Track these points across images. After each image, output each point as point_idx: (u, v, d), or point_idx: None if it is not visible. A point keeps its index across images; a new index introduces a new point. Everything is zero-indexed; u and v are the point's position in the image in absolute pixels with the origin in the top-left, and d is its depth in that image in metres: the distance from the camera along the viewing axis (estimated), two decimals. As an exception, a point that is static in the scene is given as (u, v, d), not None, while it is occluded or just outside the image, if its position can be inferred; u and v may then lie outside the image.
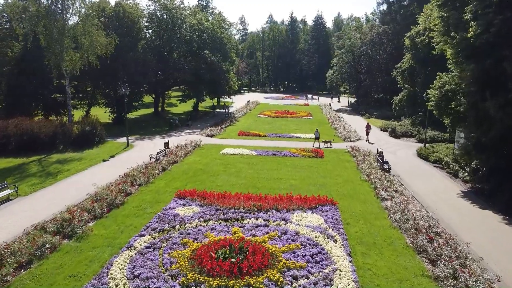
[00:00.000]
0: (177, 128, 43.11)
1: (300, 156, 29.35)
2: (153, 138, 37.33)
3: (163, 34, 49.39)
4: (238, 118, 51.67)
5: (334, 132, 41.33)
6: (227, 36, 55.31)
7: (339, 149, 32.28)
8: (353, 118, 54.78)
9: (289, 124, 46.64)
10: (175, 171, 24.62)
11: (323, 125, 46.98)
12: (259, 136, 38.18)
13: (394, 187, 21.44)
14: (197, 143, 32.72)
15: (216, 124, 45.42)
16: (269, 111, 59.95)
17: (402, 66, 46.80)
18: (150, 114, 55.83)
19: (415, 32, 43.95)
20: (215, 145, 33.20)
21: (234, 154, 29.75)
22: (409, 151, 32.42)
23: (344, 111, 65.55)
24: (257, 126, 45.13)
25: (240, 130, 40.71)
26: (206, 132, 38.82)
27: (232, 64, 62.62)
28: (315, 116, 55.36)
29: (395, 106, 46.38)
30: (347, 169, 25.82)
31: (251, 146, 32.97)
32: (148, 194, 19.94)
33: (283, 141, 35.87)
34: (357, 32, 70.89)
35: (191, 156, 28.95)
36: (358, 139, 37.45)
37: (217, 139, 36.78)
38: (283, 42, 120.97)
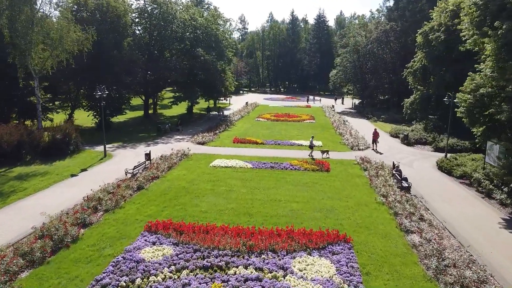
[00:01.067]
0: (166, 134, 39.06)
1: (303, 169, 25.28)
2: (137, 146, 33.26)
3: (153, 30, 45.36)
4: (235, 122, 47.62)
5: (340, 139, 37.21)
6: (223, 33, 51.25)
7: (346, 160, 28.21)
8: (359, 122, 50.68)
9: (289, 129, 42.57)
10: (153, 191, 20.56)
11: (326, 130, 42.91)
12: (256, 143, 34.11)
13: (419, 214, 17.37)
14: (184, 152, 28.67)
15: (210, 129, 41.37)
16: (269, 113, 55.88)
17: (413, 65, 42.69)
18: (139, 118, 51.81)
19: (428, 28, 39.88)
20: (206, 155, 29.15)
21: (226, 166, 25.70)
22: (427, 163, 28.32)
23: (348, 114, 61.44)
24: (254, 131, 41.08)
25: (236, 136, 36.63)
26: (197, 139, 34.75)
27: (229, 64, 58.55)
28: (317, 120, 51.27)
29: (406, 110, 42.27)
30: (358, 187, 21.75)
31: (247, 156, 28.94)
32: (112, 226, 15.87)
33: (283, 150, 31.81)
34: (362, 30, 66.78)
35: (176, 170, 24.89)
36: (367, 147, 33.36)
37: (208, 147, 32.73)
38: (283, 41, 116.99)
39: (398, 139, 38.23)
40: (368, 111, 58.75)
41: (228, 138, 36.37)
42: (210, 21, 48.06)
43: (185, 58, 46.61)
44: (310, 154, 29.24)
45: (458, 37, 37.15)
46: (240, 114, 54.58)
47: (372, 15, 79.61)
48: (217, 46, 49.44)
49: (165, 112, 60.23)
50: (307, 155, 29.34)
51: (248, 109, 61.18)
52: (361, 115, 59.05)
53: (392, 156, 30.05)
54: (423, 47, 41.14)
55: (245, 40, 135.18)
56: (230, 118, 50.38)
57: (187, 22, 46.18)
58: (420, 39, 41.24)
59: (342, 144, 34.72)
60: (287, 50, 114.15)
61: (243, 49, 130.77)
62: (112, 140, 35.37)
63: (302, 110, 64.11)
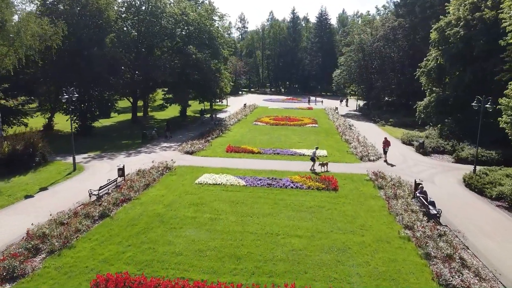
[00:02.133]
0: (153, 141, 35.00)
1: (305, 187, 21.20)
2: (116, 156, 29.19)
3: (141, 26, 41.28)
4: (230, 127, 43.54)
5: (347, 147, 33.10)
6: (217, 30, 47.11)
7: (357, 175, 24.11)
8: (366, 127, 46.57)
9: (290, 135, 38.47)
10: (119, 220, 16.50)
11: (331, 136, 38.82)
12: (252, 153, 30.02)
13: (460, 257, 13.27)
14: (167, 165, 24.61)
15: (202, 135, 37.31)
16: (268, 117, 51.82)
17: (427, 64, 38.58)
18: (127, 122, 47.79)
19: (445, 23, 35.82)
20: (192, 168, 25.10)
21: (214, 184, 21.65)
22: (451, 177, 24.20)
23: (353, 117, 57.34)
24: (251, 137, 37.01)
25: (229, 144, 32.54)
26: (185, 148, 30.68)
27: (225, 63, 54.49)
28: (321, 124, 47.18)
29: (419, 114, 38.14)
30: (374, 213, 17.67)
31: (240, 169, 24.88)
32: (50, 280, 11.75)
33: (283, 161, 27.73)
34: (368, 27, 62.65)
35: (154, 189, 20.84)
36: (378, 157, 29.24)
37: (197, 157, 28.65)
38: (284, 40, 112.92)
39: (411, 147, 34.14)
40: (375, 114, 54.63)
41: (221, 146, 32.31)
42: (203, 17, 43.97)
43: (176, 56, 42.56)
44: (312, 168, 25.13)
45: (480, 32, 33.43)
46: (236, 117, 50.50)
47: (377, 11, 75.43)
48: (211, 43, 45.37)
49: (157, 114, 56.19)
50: (310, 169, 25.27)
51: (246, 112, 57.10)
52: (367, 118, 54.95)
53: (409, 169, 25.97)
54: (438, 44, 37.09)
55: (244, 39, 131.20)
56: (226, 122, 46.31)
57: (178, 17, 42.11)
58: (435, 36, 37.19)
59: (350, 153, 30.61)
60: (287, 49, 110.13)
61: (242, 48, 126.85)
62: (90, 148, 31.36)
63: (303, 112, 60.03)
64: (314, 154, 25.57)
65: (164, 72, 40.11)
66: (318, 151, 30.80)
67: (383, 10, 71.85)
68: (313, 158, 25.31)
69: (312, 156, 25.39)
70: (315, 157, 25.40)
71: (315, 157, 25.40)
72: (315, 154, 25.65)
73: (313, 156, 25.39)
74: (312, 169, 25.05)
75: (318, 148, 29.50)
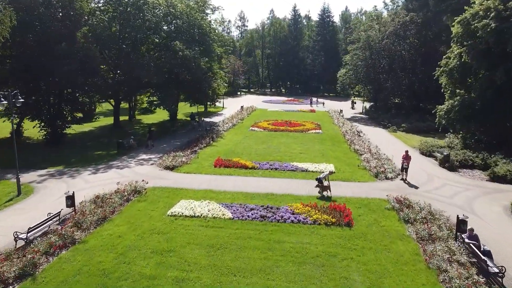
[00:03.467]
0: (131, 152, 30.07)
1: (310, 222, 16.23)
2: (80, 172, 24.20)
3: (121, 19, 36.31)
4: (223, 133, 38.60)
5: (358, 160, 28.06)
6: (209, 24, 42.08)
7: (373, 200, 19.15)
8: (376, 132, 41.60)
9: (290, 144, 33.50)
10: (45, 284, 11.56)
11: (338, 144, 33.84)
12: (245, 168, 25.05)
13: None
14: (136, 188, 19.66)
15: (189, 144, 32.38)
16: (266, 121, 46.87)
17: (448, 63, 33.54)
18: (110, 126, 42.86)
19: (470, 15, 30.79)
20: (169, 191, 20.16)
21: (191, 216, 16.70)
22: (493, 204, 19.16)
23: (360, 120, 52.35)
24: (246, 146, 32.07)
25: (219, 156, 27.57)
26: (166, 161, 25.68)
27: (219, 61, 49.53)
28: (325, 129, 42.20)
29: (439, 119, 33.08)
30: (407, 267, 12.70)
31: (228, 193, 19.94)
32: None
33: (281, 180, 22.73)
34: (375, 23, 57.60)
35: (111, 224, 15.90)
36: (397, 174, 24.23)
37: (178, 174, 23.69)
38: (285, 39, 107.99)
39: (432, 159, 29.18)
40: (384, 118, 49.64)
41: (209, 159, 27.35)
42: (193, 9, 38.99)
43: (162, 54, 37.64)
44: (320, 192, 20.09)
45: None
46: (231, 121, 45.55)
47: (385, 6, 70.41)
48: (202, 39, 40.44)
49: (145, 118, 51.26)
50: (314, 187, 20.27)
51: (243, 115, 52.16)
52: (376, 123, 49.95)
53: (437, 192, 20.97)
54: (462, 39, 32.11)
55: (244, 37, 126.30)
56: (219, 127, 41.37)
57: (164, 9, 37.16)
58: (458, 29, 32.15)
59: (362, 168, 25.59)
60: (288, 48, 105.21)
61: (241, 47, 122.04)
62: (54, 161, 26.48)
63: (305, 115, 55.08)
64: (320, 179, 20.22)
65: (148, 71, 35.17)
66: (321, 165, 25.90)
67: (391, 4, 66.84)
68: (320, 180, 20.20)
69: (319, 179, 20.21)
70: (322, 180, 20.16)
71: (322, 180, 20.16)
72: (326, 177, 20.41)
73: (320, 179, 20.18)
74: (320, 192, 20.02)
75: (323, 157, 24.60)
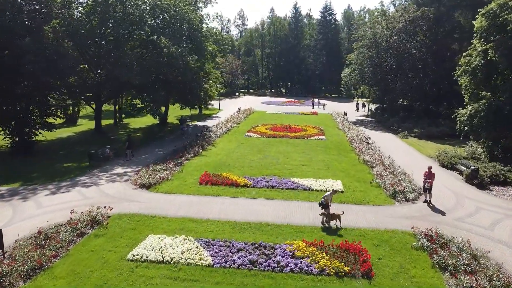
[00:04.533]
0: (106, 163, 26.03)
1: (316, 271, 12.15)
2: (37, 191, 20.08)
3: (100, 13, 32.22)
4: (216, 140, 34.54)
5: (369, 173, 23.96)
6: (201, 18, 37.95)
7: (395, 234, 15.07)
8: (385, 139, 37.53)
9: (291, 153, 29.43)
10: None
11: (344, 154, 29.77)
12: (236, 185, 20.97)
13: None
14: (95, 217, 15.59)
15: (174, 154, 28.32)
16: (264, 125, 42.82)
17: (471, 61, 29.43)
18: (91, 132, 38.82)
19: (497, 6, 26.79)
20: (138, 220, 16.09)
21: (158, 262, 12.64)
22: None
23: (365, 124, 48.30)
24: (240, 156, 28.02)
25: (206, 171, 23.49)
26: (143, 177, 21.58)
27: (212, 60, 45.46)
28: (329, 135, 38.12)
29: (460, 125, 28.96)
30: None
31: (211, 222, 15.90)
32: None
33: (279, 202, 18.64)
34: (383, 19, 53.45)
35: (48, 274, 11.84)
36: (418, 194, 20.14)
37: (155, 195, 19.61)
38: (285, 37, 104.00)
39: (455, 172, 25.17)
40: (393, 122, 45.55)
41: (195, 173, 23.31)
42: (182, 1, 34.88)
43: (147, 51, 33.60)
44: (324, 222, 16.03)
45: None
46: (226, 126, 41.48)
47: (393, 1, 66.22)
48: (193, 35, 36.36)
49: (133, 122, 47.22)
50: (319, 215, 16.23)
51: (239, 118, 48.10)
52: (384, 127, 45.91)
53: (471, 219, 16.90)
54: (487, 34, 28.07)
55: (243, 36, 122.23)
56: (211, 132, 37.28)
57: (150, 1, 33.07)
58: (482, 23, 28.11)
59: (376, 185, 21.51)
60: (289, 47, 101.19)
61: (240, 46, 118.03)
62: (10, 177, 22.49)
63: (307, 118, 51.02)
64: (323, 201, 16.31)
65: (130, 71, 31.11)
66: (327, 181, 21.83)
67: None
68: (325, 205, 16.19)
69: (323, 203, 16.24)
70: (326, 202, 16.22)
71: (326, 202, 16.22)
72: (330, 199, 16.50)
73: (324, 202, 16.22)
74: (324, 222, 16.01)
75: (328, 171, 20.59)
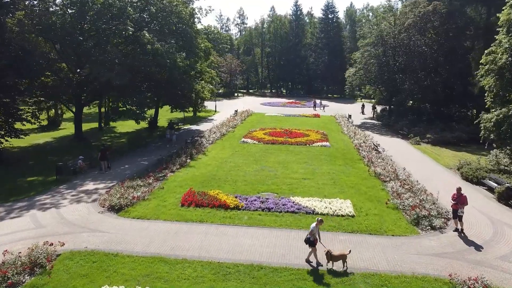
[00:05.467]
0: (77, 177, 22.44)
1: None
2: (-17, 216, 16.67)
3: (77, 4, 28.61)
4: (207, 147, 30.97)
5: (382, 190, 20.39)
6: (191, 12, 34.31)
7: (425, 280, 11.51)
8: (394, 144, 34.03)
9: (291, 163, 25.84)
10: None
11: (351, 163, 26.16)
12: (225, 207, 17.37)
13: None
14: (37, 259, 12.01)
15: (158, 165, 24.77)
16: (262, 130, 39.30)
17: (496, 59, 25.80)
18: (70, 137, 35.27)
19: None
20: (93, 260, 12.52)
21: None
22: None
23: (372, 128, 44.80)
24: (232, 168, 24.45)
25: (191, 188, 19.88)
26: (113, 197, 17.96)
27: (206, 58, 41.88)
28: (333, 140, 34.56)
29: (485, 131, 25.34)
30: None
31: (188, 263, 12.35)
32: None
33: (276, 232, 15.06)
34: (390, 15, 49.86)
35: None
36: (445, 218, 16.54)
37: (124, 220, 16.04)
38: (286, 36, 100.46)
39: (482, 187, 21.66)
40: (403, 126, 41.97)
41: (179, 190, 19.77)
42: (170, -8, 31.32)
43: (130, 48, 30.07)
44: (309, 260, 12.45)
45: None
46: (221, 130, 37.91)
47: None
48: (183, 31, 32.78)
49: (121, 125, 43.71)
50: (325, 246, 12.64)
51: (236, 121, 44.56)
52: (392, 131, 42.41)
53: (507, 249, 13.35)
54: (516, 28, 24.53)
55: (243, 35, 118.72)
56: (203, 138, 33.71)
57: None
58: (511, 15, 24.59)
59: (392, 207, 17.93)
60: (290, 45, 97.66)
61: (239, 45, 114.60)
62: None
63: (308, 121, 47.50)
64: (313, 232, 12.60)
65: (111, 70, 27.55)
66: (334, 200, 18.22)
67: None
68: (310, 241, 12.57)
69: (309, 238, 12.60)
70: (313, 238, 12.55)
71: (313, 238, 12.55)
72: (317, 232, 12.79)
73: (311, 236, 12.59)
74: (317, 262, 12.48)
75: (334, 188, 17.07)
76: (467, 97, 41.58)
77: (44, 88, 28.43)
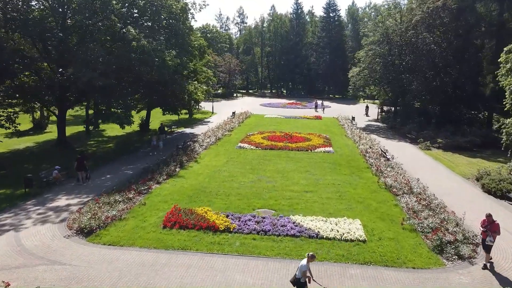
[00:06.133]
0: (51, 190, 19.91)
1: None
2: None
3: None
4: (200, 153, 28.44)
5: (396, 207, 17.83)
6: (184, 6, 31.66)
7: None
8: (403, 149, 31.50)
9: (291, 172, 23.29)
10: None
11: (357, 172, 23.59)
12: (214, 230, 14.80)
13: None
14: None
15: (143, 174, 22.23)
16: (261, 133, 36.77)
17: (520, 57, 23.24)
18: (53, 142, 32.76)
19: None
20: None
21: None
22: None
23: (377, 131, 42.26)
24: (226, 178, 21.89)
25: (176, 204, 17.34)
26: (84, 217, 15.44)
27: (200, 57, 39.35)
28: (337, 145, 32.00)
29: (509, 138, 22.80)
30: None
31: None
32: None
33: (272, 263, 12.51)
34: (396, 11, 47.29)
35: None
36: (473, 244, 14.01)
37: (92, 248, 13.48)
38: (286, 35, 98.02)
39: (507, 202, 19.06)
40: (411, 129, 39.39)
41: (162, 206, 17.23)
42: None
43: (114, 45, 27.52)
44: None
45: None
46: (216, 134, 35.36)
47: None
48: (175, 28, 30.22)
49: (111, 128, 41.10)
50: None
51: (233, 124, 42.01)
52: (399, 134, 39.88)
53: None
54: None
55: (242, 34, 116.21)
56: (196, 143, 31.16)
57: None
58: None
59: (410, 228, 15.35)
60: (290, 44, 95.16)
61: (239, 44, 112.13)
62: None
63: (310, 124, 44.97)
64: (304, 271, 10.01)
65: (94, 69, 25.01)
66: (346, 223, 15.60)
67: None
68: (302, 283, 9.98)
69: (299, 278, 10.01)
70: (305, 275, 10.00)
71: (305, 275, 10.00)
72: (308, 270, 10.20)
73: (301, 276, 10.00)
74: None
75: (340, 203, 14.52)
76: (478, 98, 39.00)
77: (21, 89, 25.87)
